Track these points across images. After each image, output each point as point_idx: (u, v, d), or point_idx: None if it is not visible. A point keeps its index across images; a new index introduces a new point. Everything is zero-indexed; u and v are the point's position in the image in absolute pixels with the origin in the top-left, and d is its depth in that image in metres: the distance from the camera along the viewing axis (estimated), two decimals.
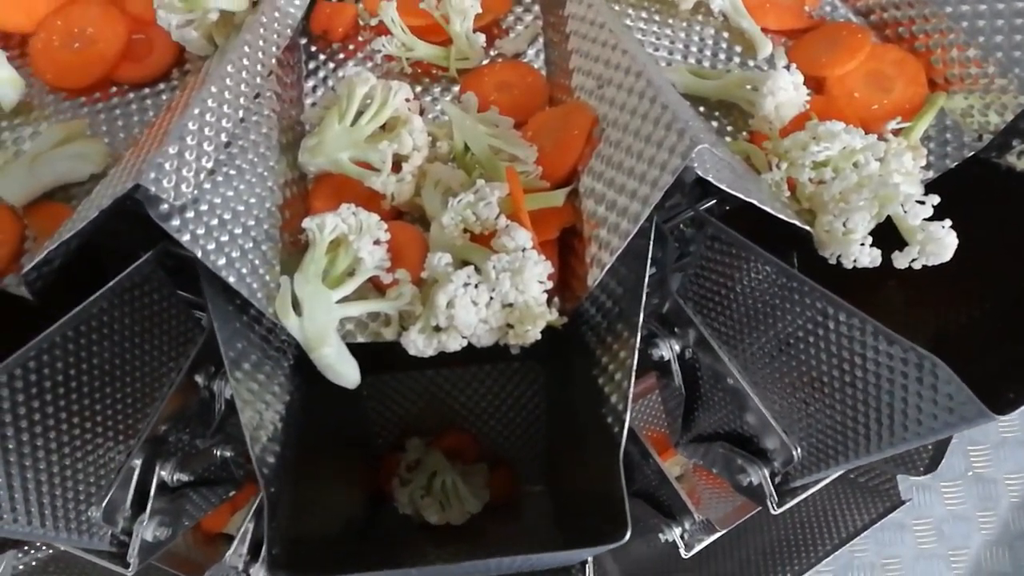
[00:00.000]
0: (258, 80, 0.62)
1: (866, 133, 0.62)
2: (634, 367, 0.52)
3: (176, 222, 0.52)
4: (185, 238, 0.52)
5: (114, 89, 0.68)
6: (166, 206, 0.52)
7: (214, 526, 0.98)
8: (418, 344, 0.55)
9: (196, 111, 0.55)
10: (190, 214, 0.53)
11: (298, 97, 0.69)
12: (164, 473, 0.75)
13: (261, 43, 0.63)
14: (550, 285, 0.55)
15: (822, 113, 0.64)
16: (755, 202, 0.56)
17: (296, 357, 0.63)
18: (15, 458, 0.58)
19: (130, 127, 0.66)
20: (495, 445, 0.81)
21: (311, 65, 0.71)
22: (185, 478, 0.77)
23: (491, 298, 0.54)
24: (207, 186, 0.55)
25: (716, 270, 0.64)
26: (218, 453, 0.86)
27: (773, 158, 0.62)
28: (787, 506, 0.81)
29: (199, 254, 0.53)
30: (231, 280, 0.54)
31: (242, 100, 0.59)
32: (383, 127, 0.61)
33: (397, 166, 0.60)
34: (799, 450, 0.74)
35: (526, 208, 0.56)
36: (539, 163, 0.60)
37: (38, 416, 0.59)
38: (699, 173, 0.54)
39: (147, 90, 0.68)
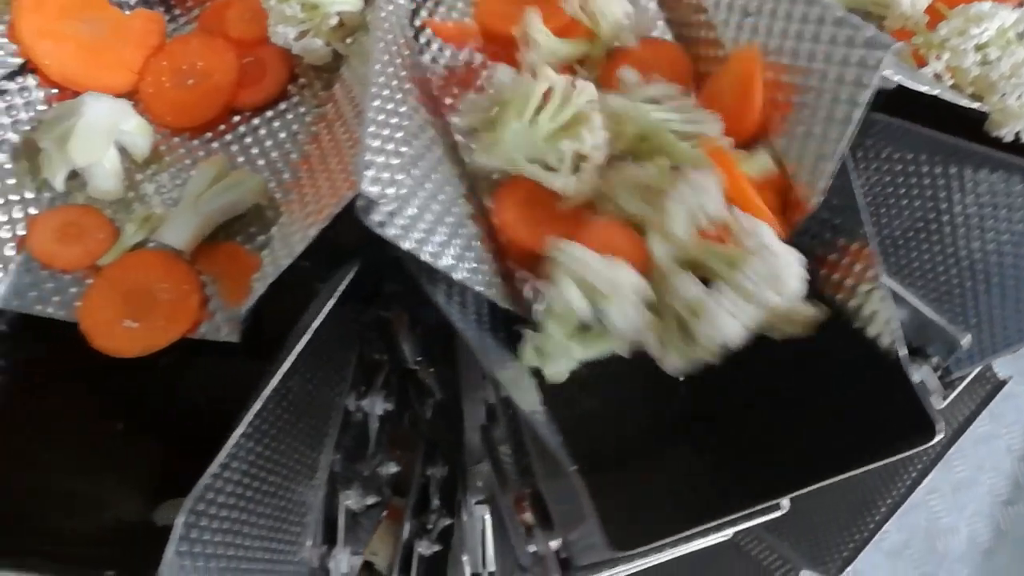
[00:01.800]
0: (403, 73, 0.60)
1: None
2: (882, 275, 0.52)
3: (392, 230, 0.50)
4: (407, 244, 0.51)
5: (237, 118, 0.65)
6: (378, 216, 0.50)
7: None
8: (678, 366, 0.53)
9: (371, 115, 0.53)
10: (402, 220, 0.51)
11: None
12: (349, 502, 0.74)
13: (391, 36, 0.61)
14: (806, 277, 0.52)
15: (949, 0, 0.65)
16: (937, 92, 0.56)
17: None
18: (246, 514, 0.56)
19: (266, 153, 0.64)
20: None
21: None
22: (371, 501, 0.76)
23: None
24: (406, 189, 0.53)
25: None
26: (383, 472, 0.85)
27: (928, 51, 0.62)
28: (951, 398, 0.82)
29: (425, 257, 0.51)
30: (459, 277, 0.52)
31: (400, 96, 0.57)
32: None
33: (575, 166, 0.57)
34: (967, 338, 0.75)
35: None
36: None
37: (261, 460, 0.58)
38: (896, 80, 0.54)
39: (270, 112, 0.65)
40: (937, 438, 0.47)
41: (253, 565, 0.58)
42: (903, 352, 0.50)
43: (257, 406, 0.51)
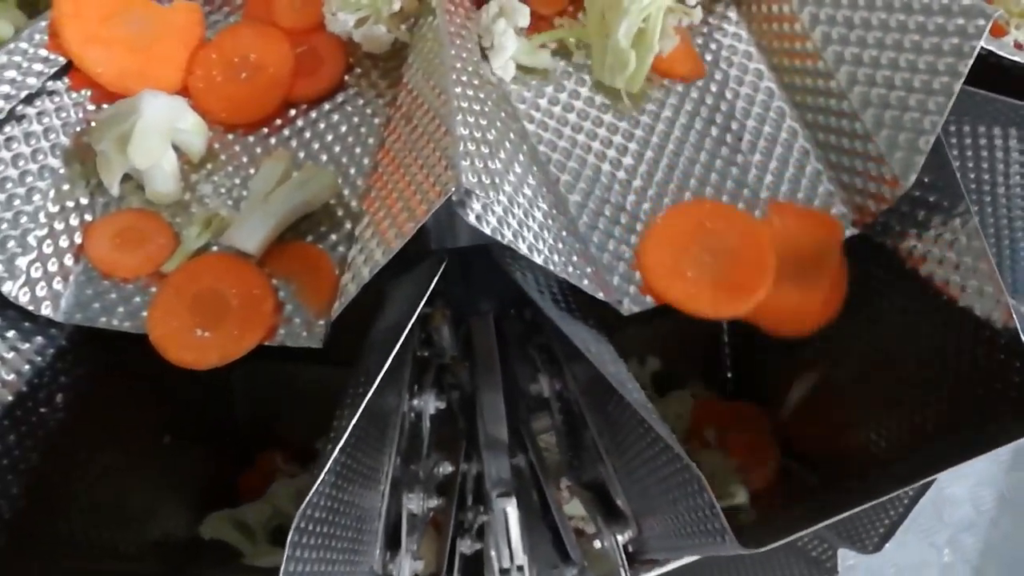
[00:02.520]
0: (475, 58, 0.57)
1: None
2: (987, 248, 0.50)
3: (489, 225, 0.48)
4: (504, 239, 0.48)
5: (293, 112, 0.62)
6: (474, 209, 0.48)
7: None
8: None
9: (456, 103, 0.50)
10: (497, 209, 0.49)
11: None
12: (412, 506, 0.72)
13: (458, 20, 0.59)
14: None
15: None
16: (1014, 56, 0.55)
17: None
18: (332, 527, 0.54)
19: (328, 147, 0.61)
20: None
21: None
22: (434, 504, 0.74)
23: None
24: (496, 179, 0.50)
25: None
26: (438, 472, 0.83)
27: (1008, 20, 0.61)
28: None
29: (523, 250, 0.49)
30: (555, 269, 0.50)
31: (477, 81, 0.55)
32: None
33: None
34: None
35: None
36: None
37: (345, 471, 0.55)
38: (989, 47, 0.52)
39: (327, 105, 0.62)
40: None
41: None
42: (1019, 329, 0.49)
43: (356, 416, 0.48)
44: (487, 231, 0.48)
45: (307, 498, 0.45)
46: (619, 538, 0.66)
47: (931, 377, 0.56)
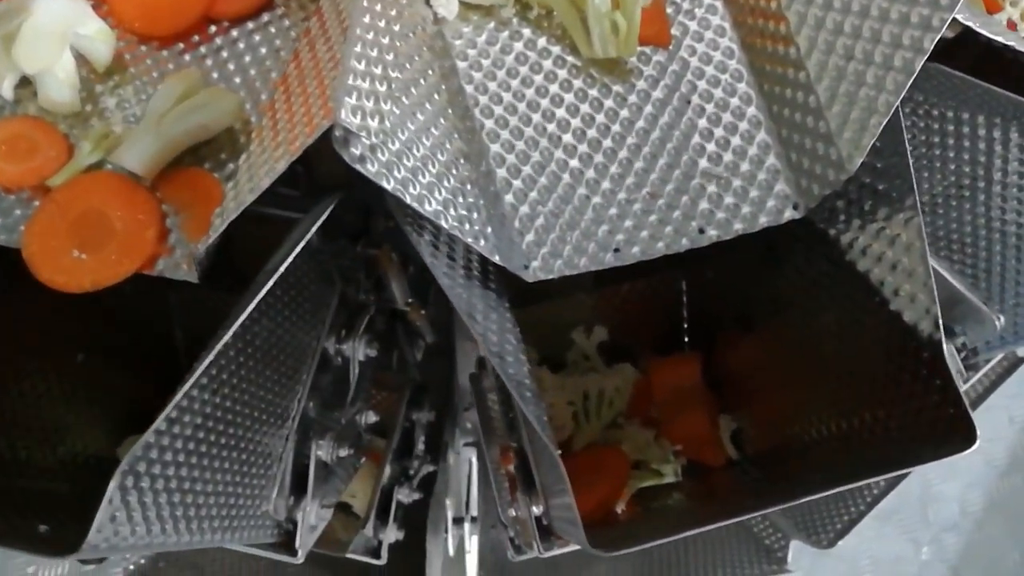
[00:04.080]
0: None
1: None
2: (926, 251, 0.45)
3: (373, 167, 0.44)
4: (387, 184, 0.44)
5: (214, 28, 0.58)
6: (357, 149, 0.44)
7: None
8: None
9: (359, 32, 0.46)
10: (383, 155, 0.45)
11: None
12: (321, 452, 0.70)
13: None
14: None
15: None
16: (1012, 43, 0.49)
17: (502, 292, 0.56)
18: (199, 471, 0.51)
19: (244, 71, 0.57)
20: None
21: None
22: (344, 453, 0.71)
23: None
24: (389, 122, 0.46)
25: None
26: (362, 420, 0.80)
27: None
28: (972, 381, 0.77)
29: (408, 199, 0.45)
30: (447, 224, 0.46)
31: (394, 12, 0.50)
32: None
33: None
34: (1001, 320, 0.69)
35: None
36: None
37: (219, 412, 0.53)
38: (962, 20, 0.46)
39: (251, 24, 0.58)
40: (974, 447, 0.41)
41: (207, 523, 0.53)
42: (943, 344, 0.44)
43: (209, 358, 0.45)
44: (369, 174, 0.44)
45: (141, 441, 0.42)
46: (533, 509, 0.63)
47: (862, 381, 0.52)
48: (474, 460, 0.94)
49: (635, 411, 0.80)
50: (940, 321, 0.44)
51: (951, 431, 0.42)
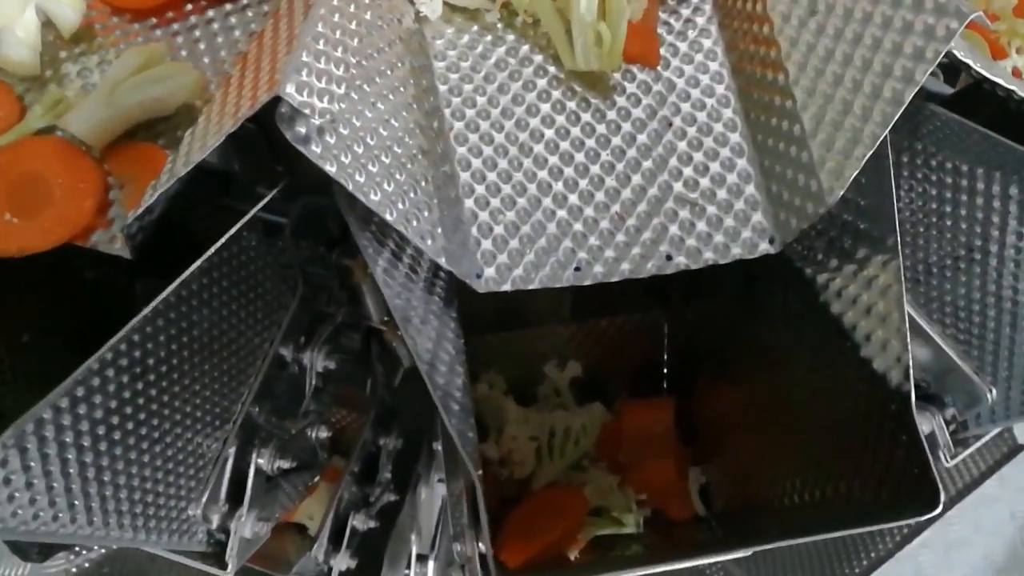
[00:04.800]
0: None
1: None
2: (904, 298, 0.42)
3: (317, 148, 0.41)
4: (330, 168, 0.41)
5: (190, 7, 0.56)
6: (303, 128, 0.41)
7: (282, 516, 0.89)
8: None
9: (323, 11, 0.44)
10: (331, 137, 0.42)
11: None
12: (262, 461, 0.66)
13: None
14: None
15: None
16: (1013, 87, 0.46)
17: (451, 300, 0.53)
18: (109, 459, 0.48)
19: (215, 50, 0.55)
20: None
21: None
22: (286, 465, 0.68)
23: None
24: (343, 105, 0.44)
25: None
26: (312, 435, 0.77)
27: (1010, 40, 0.51)
28: (960, 457, 0.72)
29: (350, 186, 0.42)
30: (390, 217, 0.43)
31: (366, 1, 0.48)
32: None
33: None
34: (993, 393, 0.65)
35: None
36: None
37: (141, 400, 0.49)
38: (959, 55, 0.43)
39: (229, 6, 0.56)
40: (935, 512, 0.37)
41: (124, 519, 0.49)
42: (912, 396, 0.40)
43: (120, 334, 0.42)
44: (312, 156, 0.41)
45: (31, 413, 0.39)
46: (480, 546, 0.59)
47: (830, 433, 0.48)
48: (446, 497, 0.90)
49: (602, 454, 0.76)
50: (911, 371, 0.40)
51: (914, 492, 0.38)
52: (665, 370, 0.80)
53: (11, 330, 0.68)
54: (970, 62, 0.44)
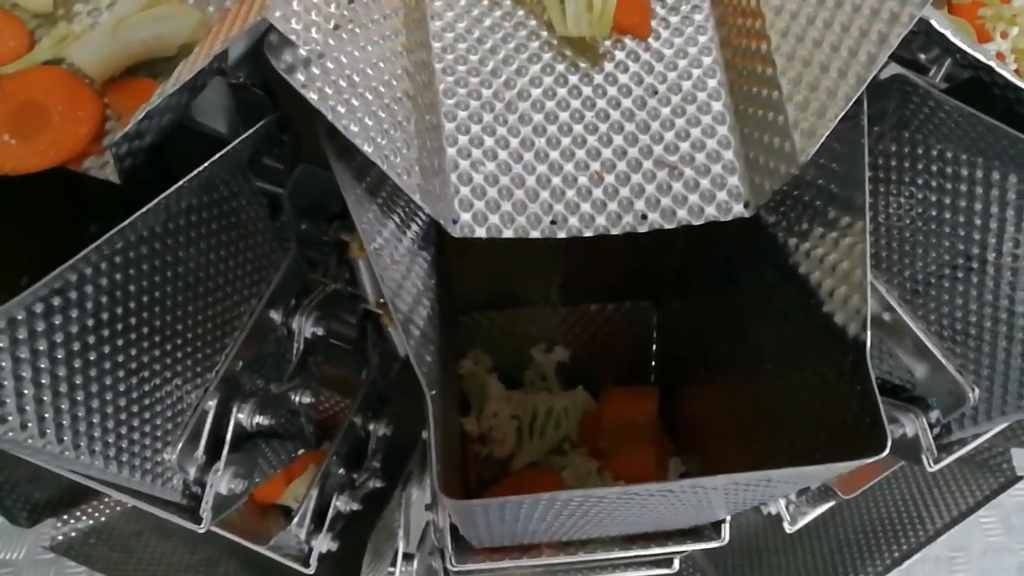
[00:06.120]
0: None
1: None
2: (867, 254, 0.42)
3: (301, 76, 0.43)
4: (312, 96, 0.43)
5: None
6: (289, 57, 0.43)
7: (268, 496, 0.89)
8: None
9: None
10: (316, 69, 0.44)
11: None
12: (242, 416, 0.66)
13: None
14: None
15: None
16: (998, 68, 0.46)
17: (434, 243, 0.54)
18: (83, 378, 0.48)
19: None
20: None
21: None
22: (264, 422, 0.68)
23: None
24: (332, 42, 0.45)
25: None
26: (296, 399, 0.77)
27: (995, 25, 0.52)
28: (944, 463, 0.71)
29: (330, 116, 0.43)
30: (367, 149, 0.44)
31: None
32: None
33: None
34: (976, 392, 0.64)
35: None
36: None
37: (120, 326, 0.50)
38: (936, 26, 0.44)
39: None
40: (883, 454, 0.37)
41: (95, 444, 0.50)
42: (868, 348, 0.40)
43: (89, 249, 0.43)
44: (296, 84, 0.42)
45: (16, 300, 0.40)
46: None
47: (796, 401, 0.48)
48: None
49: (583, 440, 0.76)
50: (868, 323, 0.40)
51: (864, 435, 0.38)
52: (653, 363, 0.80)
53: (10, 273, 0.70)
54: (948, 34, 0.45)
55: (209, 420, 0.62)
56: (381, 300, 0.80)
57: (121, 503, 0.94)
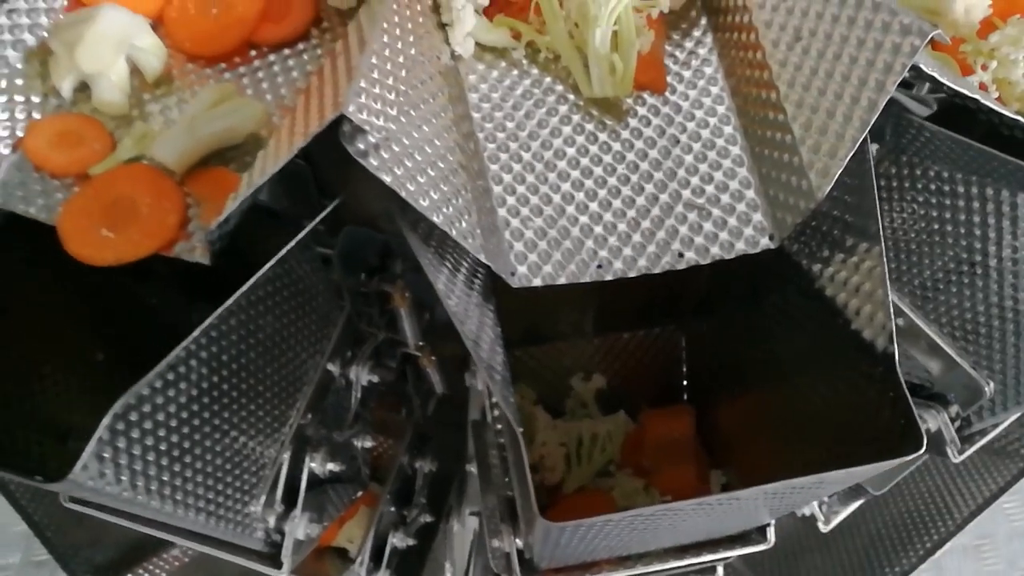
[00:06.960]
0: (420, 20, 0.59)
1: None
2: (887, 275, 0.48)
3: (375, 161, 0.48)
4: (386, 178, 0.49)
5: (254, 52, 0.64)
6: (362, 144, 0.48)
7: (324, 540, 0.94)
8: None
9: (376, 47, 0.51)
10: (385, 153, 0.49)
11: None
12: (314, 464, 0.71)
13: None
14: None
15: (1003, 14, 0.61)
16: (983, 99, 0.52)
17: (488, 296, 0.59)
18: (189, 443, 0.54)
19: (276, 89, 0.63)
20: None
21: None
22: (335, 468, 0.73)
23: None
24: (394, 126, 0.51)
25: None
26: (358, 445, 0.82)
27: (975, 60, 0.58)
28: (967, 453, 0.76)
29: (403, 194, 0.49)
30: (437, 220, 0.50)
31: (412, 38, 0.56)
32: None
33: None
34: (991, 385, 0.69)
35: None
36: None
37: (216, 393, 0.56)
38: (925, 69, 0.50)
39: (287, 51, 0.64)
40: (921, 451, 0.42)
41: (190, 499, 0.55)
42: (896, 358, 0.46)
43: (198, 332, 0.49)
44: (371, 168, 0.48)
45: (133, 390, 0.46)
46: (516, 541, 0.64)
47: (829, 408, 0.53)
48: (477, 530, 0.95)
49: (627, 460, 0.81)
50: (894, 336, 0.46)
51: (900, 436, 0.43)
52: (685, 382, 0.86)
53: (86, 347, 0.75)
54: (936, 74, 0.51)
55: (284, 471, 0.67)
56: (420, 344, 0.86)
57: (179, 560, 0.99)
